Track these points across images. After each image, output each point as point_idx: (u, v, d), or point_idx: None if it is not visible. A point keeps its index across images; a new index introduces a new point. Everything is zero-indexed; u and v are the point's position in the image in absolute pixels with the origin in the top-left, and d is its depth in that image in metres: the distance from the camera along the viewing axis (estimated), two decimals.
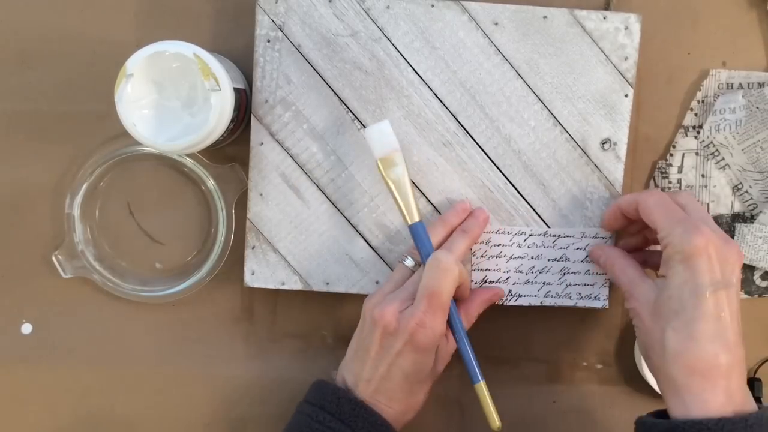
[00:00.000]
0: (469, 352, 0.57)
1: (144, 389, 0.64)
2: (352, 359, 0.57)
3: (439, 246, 0.58)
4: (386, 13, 0.59)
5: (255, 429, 0.64)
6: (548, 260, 0.61)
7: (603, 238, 0.61)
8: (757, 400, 0.64)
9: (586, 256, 0.61)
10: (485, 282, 0.61)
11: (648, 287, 0.52)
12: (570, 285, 0.61)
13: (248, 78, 0.61)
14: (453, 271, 0.54)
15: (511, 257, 0.61)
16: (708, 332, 0.48)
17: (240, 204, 0.62)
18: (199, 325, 0.64)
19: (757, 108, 0.61)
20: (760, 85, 0.62)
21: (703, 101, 0.62)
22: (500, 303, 0.61)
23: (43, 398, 0.64)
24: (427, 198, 0.61)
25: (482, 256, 0.61)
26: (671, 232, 0.51)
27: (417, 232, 0.57)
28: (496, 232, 0.61)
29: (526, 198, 0.61)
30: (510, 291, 0.61)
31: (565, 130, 0.60)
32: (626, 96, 0.60)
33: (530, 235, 0.61)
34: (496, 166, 0.60)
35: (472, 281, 0.61)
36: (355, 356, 0.56)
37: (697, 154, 0.63)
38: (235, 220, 0.62)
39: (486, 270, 0.61)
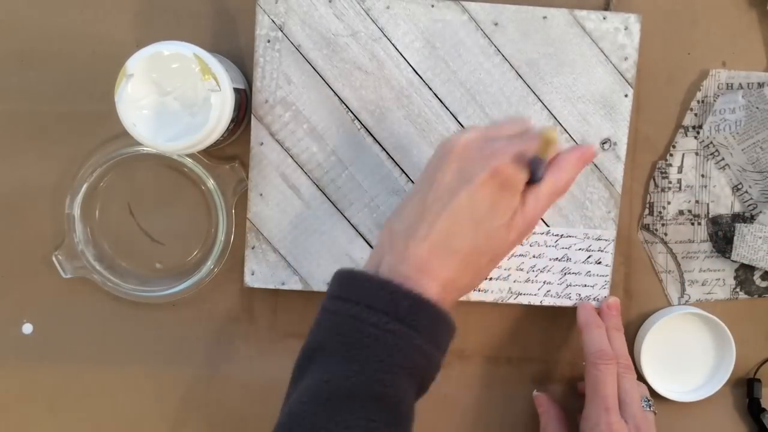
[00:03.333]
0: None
1: (144, 389, 0.64)
2: (408, 202, 0.47)
3: None
4: (386, 13, 0.59)
5: (255, 429, 0.64)
6: (549, 259, 0.61)
7: (606, 240, 0.61)
8: (756, 400, 0.64)
9: (588, 257, 0.61)
10: (486, 278, 0.61)
11: None
12: (570, 285, 0.61)
13: (248, 78, 0.61)
14: (554, 137, 0.45)
15: (512, 255, 0.61)
16: None
17: (240, 204, 0.62)
18: (199, 325, 0.64)
19: (757, 108, 0.61)
20: (760, 85, 0.62)
21: (703, 101, 0.62)
22: (500, 302, 0.61)
23: (43, 398, 0.64)
24: None
25: None
26: (590, 415, 0.55)
27: None
28: None
29: None
30: (510, 289, 0.61)
31: (565, 130, 0.60)
32: (626, 96, 0.60)
33: (532, 234, 0.61)
34: None
35: None
36: (414, 196, 0.46)
37: (697, 154, 0.63)
38: (235, 220, 0.62)
39: None
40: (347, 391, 0.42)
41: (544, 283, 0.61)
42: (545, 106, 0.60)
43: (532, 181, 0.46)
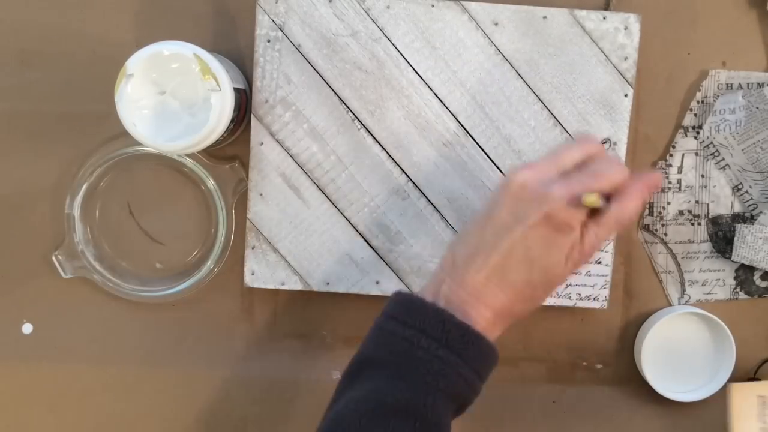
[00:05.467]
0: None
1: (144, 389, 0.64)
2: (470, 227, 0.49)
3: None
4: (386, 13, 0.59)
5: (255, 429, 0.64)
6: None
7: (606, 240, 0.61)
8: None
9: None
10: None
11: None
12: (570, 285, 0.61)
13: (248, 78, 0.61)
14: (626, 170, 0.47)
15: None
16: None
17: (240, 204, 0.62)
18: (199, 325, 0.64)
19: (757, 108, 0.61)
20: (760, 85, 0.62)
21: (702, 101, 0.62)
22: None
23: (43, 398, 0.64)
24: (427, 198, 0.60)
25: None
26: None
27: None
28: None
29: None
30: None
31: (565, 130, 0.60)
32: (626, 96, 0.60)
33: None
34: (496, 166, 0.60)
35: None
36: (477, 224, 0.48)
37: (696, 154, 0.63)
38: (235, 220, 0.62)
39: None
40: (392, 405, 0.44)
41: None
42: (545, 106, 0.60)
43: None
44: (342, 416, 0.45)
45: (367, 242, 0.61)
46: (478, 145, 0.60)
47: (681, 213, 0.63)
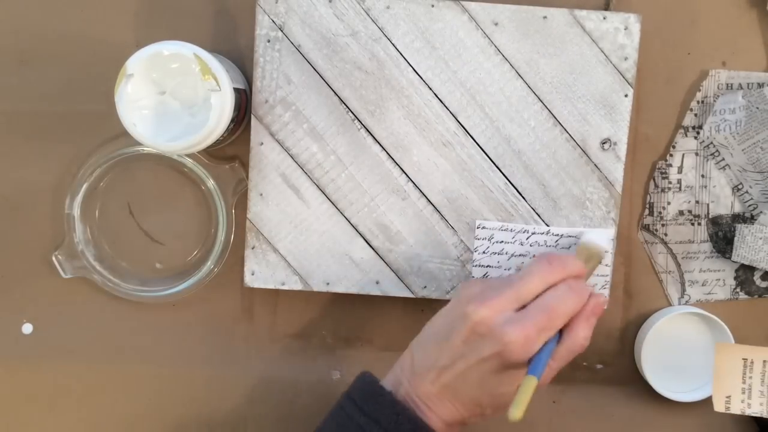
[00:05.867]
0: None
1: (144, 389, 0.64)
2: (429, 339, 0.51)
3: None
4: (386, 13, 0.59)
5: (255, 429, 0.64)
6: None
7: (606, 240, 0.61)
8: None
9: None
10: (486, 278, 0.61)
11: None
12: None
13: (248, 78, 0.61)
14: (584, 297, 0.50)
15: (512, 255, 0.61)
16: None
17: (240, 204, 0.62)
18: (199, 325, 0.64)
19: (757, 108, 0.61)
20: (760, 85, 0.62)
21: (702, 101, 0.62)
22: None
23: (43, 398, 0.64)
24: (427, 198, 0.60)
25: (484, 252, 0.61)
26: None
27: None
28: (499, 229, 0.61)
29: (526, 198, 0.61)
30: None
31: (565, 130, 0.60)
32: (626, 96, 0.60)
33: (533, 234, 0.61)
34: (496, 166, 0.60)
35: (472, 277, 0.61)
36: (435, 338, 0.51)
37: (696, 154, 0.63)
38: (235, 220, 0.62)
39: (487, 267, 0.61)
40: None
41: None
42: (545, 106, 0.60)
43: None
44: None
45: (367, 242, 0.61)
46: (478, 145, 0.60)
47: (681, 213, 0.63)
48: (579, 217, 0.61)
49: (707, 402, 0.62)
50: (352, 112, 0.60)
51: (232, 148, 0.62)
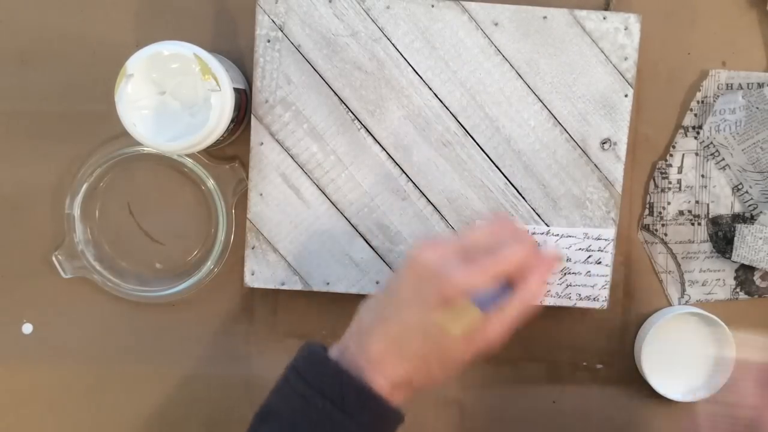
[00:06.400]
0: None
1: (144, 389, 0.64)
2: (376, 297, 0.50)
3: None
4: (386, 13, 0.59)
5: None
6: None
7: (606, 240, 0.61)
8: None
9: (588, 257, 0.61)
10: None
11: None
12: (570, 285, 0.61)
13: (248, 78, 0.61)
14: (529, 244, 0.49)
15: None
16: None
17: (240, 204, 0.62)
18: (199, 325, 0.64)
19: (757, 108, 0.61)
20: (760, 85, 0.62)
21: (702, 101, 0.62)
22: None
23: (43, 398, 0.64)
24: (427, 198, 0.60)
25: None
26: None
27: None
28: None
29: (526, 198, 0.61)
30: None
31: (565, 130, 0.60)
32: (626, 96, 0.60)
33: (532, 234, 0.61)
34: (496, 166, 0.60)
35: None
36: (381, 294, 0.50)
37: (696, 154, 0.63)
38: (235, 220, 0.62)
39: None
40: None
41: None
42: (545, 106, 0.60)
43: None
44: None
45: (367, 242, 0.61)
46: (478, 145, 0.60)
47: (681, 213, 0.63)
48: (579, 217, 0.61)
49: (707, 402, 0.62)
50: (352, 112, 0.60)
51: (232, 148, 0.62)
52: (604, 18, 0.59)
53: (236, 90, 0.55)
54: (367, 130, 0.60)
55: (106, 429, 0.64)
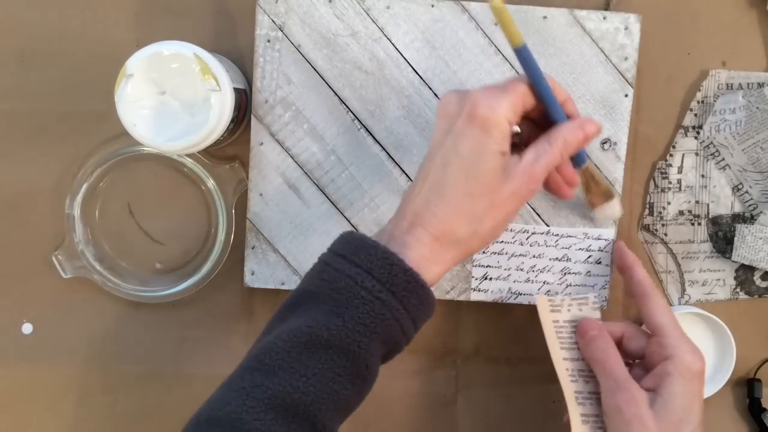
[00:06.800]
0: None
1: (144, 389, 0.64)
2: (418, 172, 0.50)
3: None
4: (386, 13, 0.59)
5: None
6: (549, 259, 0.61)
7: (606, 240, 0.61)
8: (757, 400, 0.64)
9: (588, 257, 0.61)
10: (486, 278, 0.61)
11: (648, 397, 0.51)
12: (570, 285, 0.61)
13: (248, 78, 0.61)
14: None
15: (512, 255, 0.61)
16: None
17: (240, 204, 0.62)
18: (199, 325, 0.64)
19: (757, 108, 0.61)
20: (760, 85, 0.62)
21: (702, 101, 0.62)
22: (500, 302, 0.61)
23: (43, 398, 0.64)
24: None
25: (483, 252, 0.61)
26: (680, 347, 0.51)
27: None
28: None
29: None
30: (510, 289, 0.61)
31: None
32: (626, 96, 0.60)
33: (533, 234, 0.61)
34: None
35: (472, 277, 0.61)
36: (420, 165, 0.49)
37: (696, 154, 0.63)
38: (235, 220, 0.62)
39: (487, 266, 0.61)
40: (326, 340, 0.44)
41: (544, 283, 0.61)
42: None
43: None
44: (272, 345, 0.44)
45: None
46: None
47: (681, 213, 0.63)
48: (579, 217, 0.61)
49: (707, 402, 0.62)
50: (352, 112, 0.60)
51: (232, 148, 0.62)
52: (604, 18, 0.59)
53: (236, 90, 0.55)
54: (367, 130, 0.60)
55: (105, 429, 0.64)
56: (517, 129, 0.50)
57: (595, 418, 0.54)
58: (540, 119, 0.51)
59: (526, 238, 0.61)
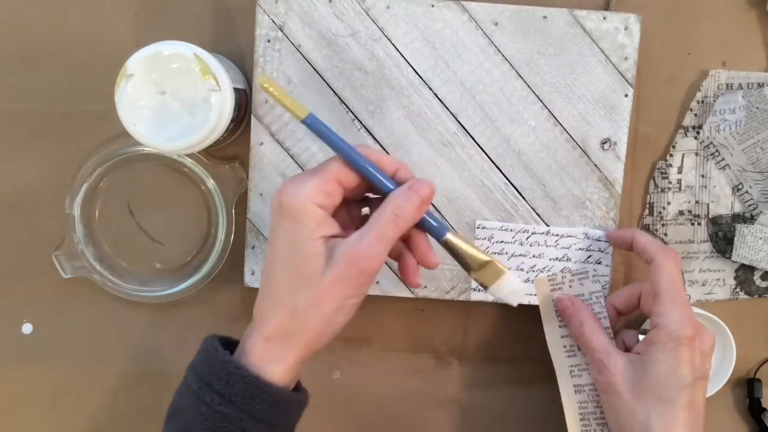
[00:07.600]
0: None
1: (144, 389, 0.64)
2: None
3: None
4: (386, 13, 0.59)
5: None
6: (549, 259, 0.61)
7: (606, 241, 0.61)
8: (757, 400, 0.64)
9: (588, 257, 0.61)
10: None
11: (624, 363, 0.53)
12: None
13: (248, 78, 0.61)
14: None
15: (512, 255, 0.61)
16: (687, 420, 0.51)
17: (240, 204, 0.62)
18: (199, 325, 0.64)
19: (757, 108, 0.61)
20: (760, 85, 0.62)
21: (702, 101, 0.62)
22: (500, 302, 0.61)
23: (43, 398, 0.64)
24: None
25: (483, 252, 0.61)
26: (668, 314, 0.52)
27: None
28: (499, 229, 0.61)
29: (526, 198, 0.61)
30: None
31: (565, 130, 0.60)
32: (626, 96, 0.60)
33: (533, 234, 0.61)
34: (496, 166, 0.60)
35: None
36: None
37: (696, 154, 0.63)
38: (235, 220, 0.62)
39: None
40: None
41: None
42: (545, 106, 0.60)
43: None
44: None
45: None
46: (478, 145, 0.60)
47: (681, 213, 0.63)
48: (579, 217, 0.61)
49: (707, 402, 0.62)
50: (352, 112, 0.60)
51: (232, 148, 0.62)
52: (604, 18, 0.59)
53: (236, 90, 0.55)
54: (367, 130, 0.60)
55: (105, 429, 0.64)
56: (366, 210, 0.49)
57: (590, 386, 0.57)
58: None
59: (526, 238, 0.61)
